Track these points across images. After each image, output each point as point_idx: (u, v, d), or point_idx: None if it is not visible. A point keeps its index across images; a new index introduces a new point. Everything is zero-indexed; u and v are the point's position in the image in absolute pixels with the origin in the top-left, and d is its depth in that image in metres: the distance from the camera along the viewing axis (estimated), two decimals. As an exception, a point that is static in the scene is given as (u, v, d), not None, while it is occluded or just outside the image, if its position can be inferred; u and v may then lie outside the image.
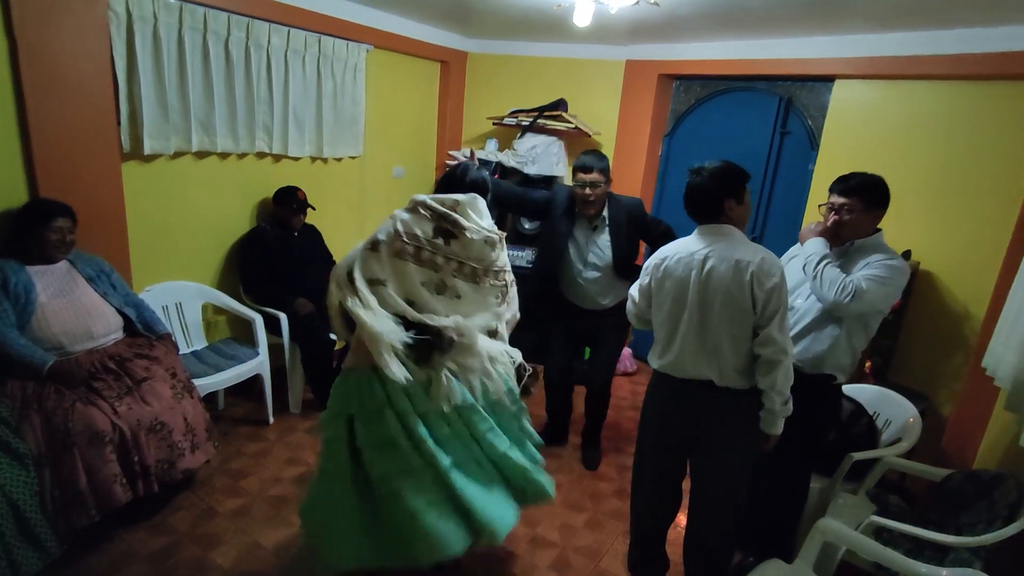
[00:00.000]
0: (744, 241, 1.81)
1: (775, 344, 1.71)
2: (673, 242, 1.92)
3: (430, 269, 1.82)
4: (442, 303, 1.83)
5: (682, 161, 3.98)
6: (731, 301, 1.74)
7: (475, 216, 1.88)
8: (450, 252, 1.83)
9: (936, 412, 2.91)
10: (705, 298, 1.78)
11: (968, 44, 2.63)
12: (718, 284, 1.75)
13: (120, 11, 2.48)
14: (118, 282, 2.49)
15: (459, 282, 1.85)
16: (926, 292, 2.92)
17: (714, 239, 1.80)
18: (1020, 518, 1.80)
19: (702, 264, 1.78)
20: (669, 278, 1.86)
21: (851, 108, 3.13)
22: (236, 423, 3.06)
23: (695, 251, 1.81)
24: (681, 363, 1.86)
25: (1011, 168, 2.64)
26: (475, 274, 1.87)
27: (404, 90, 4.13)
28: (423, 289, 1.81)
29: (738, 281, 1.72)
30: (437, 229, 1.82)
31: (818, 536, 1.88)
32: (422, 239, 1.81)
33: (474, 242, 1.83)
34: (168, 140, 2.76)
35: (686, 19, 2.96)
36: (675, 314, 1.86)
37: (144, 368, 2.30)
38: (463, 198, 1.89)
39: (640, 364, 4.27)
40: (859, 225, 1.98)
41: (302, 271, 3.26)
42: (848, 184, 1.98)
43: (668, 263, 1.86)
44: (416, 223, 1.83)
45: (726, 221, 1.83)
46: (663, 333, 1.91)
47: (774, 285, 1.70)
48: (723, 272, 1.74)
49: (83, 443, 2.00)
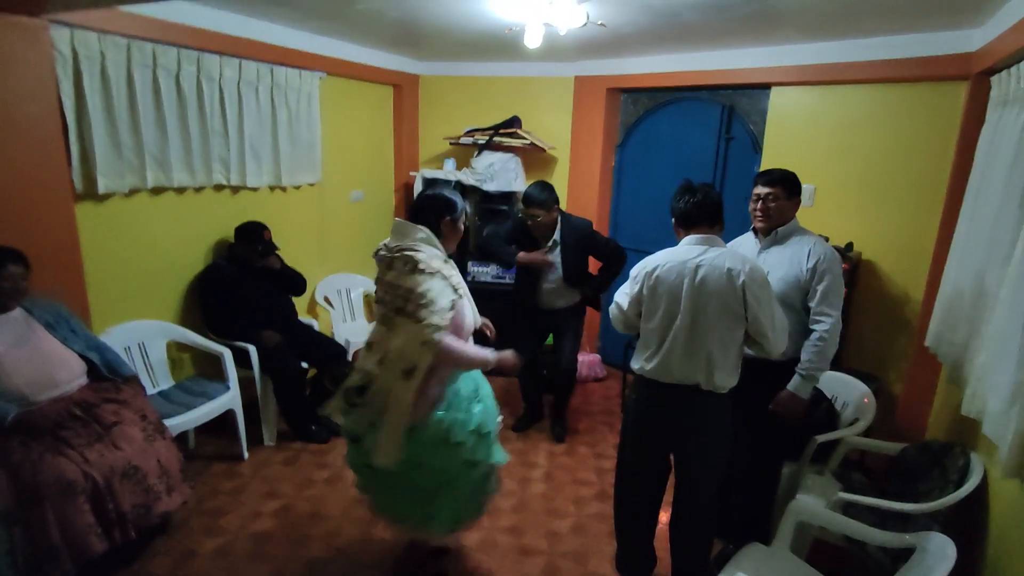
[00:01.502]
0: (730, 250, 1.94)
1: (767, 343, 1.88)
2: (662, 252, 2.00)
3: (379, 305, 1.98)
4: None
5: (635, 171, 4.13)
6: (724, 307, 1.85)
7: (392, 239, 1.96)
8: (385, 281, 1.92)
9: (887, 391, 3.10)
10: (698, 304, 1.87)
11: (885, 51, 2.85)
12: (711, 291, 1.85)
13: (66, 51, 2.44)
14: (78, 326, 2.42)
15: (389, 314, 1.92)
16: (869, 280, 3.13)
17: (705, 248, 1.92)
18: (968, 481, 1.95)
19: (694, 272, 1.88)
20: (661, 285, 1.93)
21: (788, 113, 3.34)
22: (209, 461, 2.99)
23: (687, 260, 1.90)
24: (668, 368, 1.93)
25: (934, 161, 2.87)
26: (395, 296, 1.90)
27: (359, 115, 4.16)
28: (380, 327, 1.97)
29: (731, 288, 1.83)
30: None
31: (792, 517, 1.98)
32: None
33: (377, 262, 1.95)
34: (122, 178, 2.71)
35: (631, 36, 3.10)
36: (667, 320, 1.93)
37: (113, 412, 2.23)
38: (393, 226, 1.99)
39: (610, 369, 4.37)
40: (783, 211, 2.21)
41: (266, 302, 3.23)
42: (772, 176, 2.22)
43: (660, 271, 1.94)
44: None
45: (718, 231, 1.97)
46: (653, 338, 1.97)
47: (763, 292, 1.85)
48: (716, 279, 1.85)
49: (54, 495, 1.93)
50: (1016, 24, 2.09)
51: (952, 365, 2.31)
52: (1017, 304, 1.69)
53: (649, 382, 2.00)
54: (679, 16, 2.62)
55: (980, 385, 1.94)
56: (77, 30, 2.44)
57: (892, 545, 1.86)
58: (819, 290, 2.10)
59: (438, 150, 4.54)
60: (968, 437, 2.24)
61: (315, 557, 2.37)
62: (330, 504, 2.70)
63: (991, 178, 2.17)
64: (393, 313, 1.85)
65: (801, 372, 2.10)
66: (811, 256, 2.12)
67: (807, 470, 2.42)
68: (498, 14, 2.71)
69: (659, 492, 2.18)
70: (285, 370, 3.05)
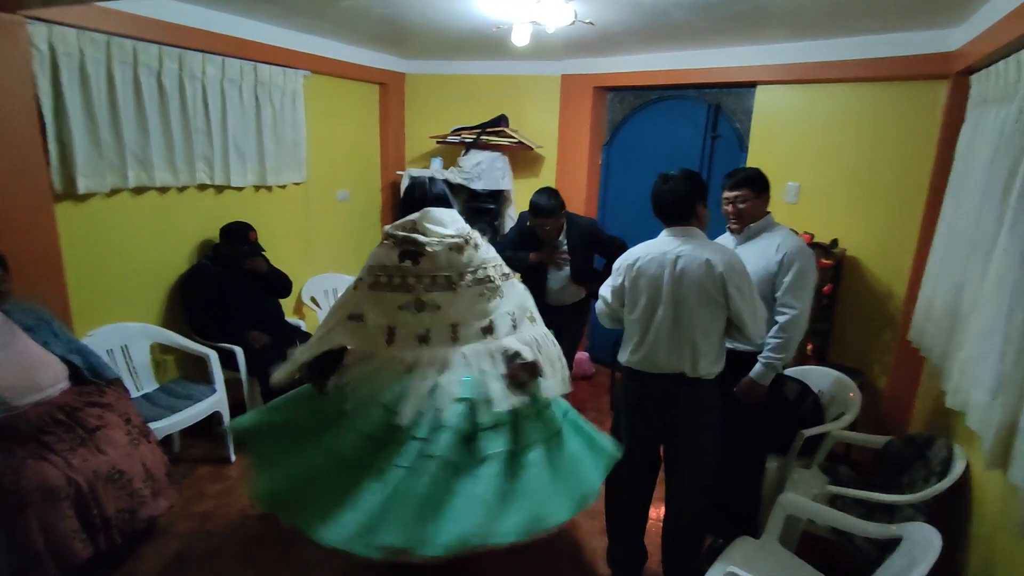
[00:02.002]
0: (709, 242, 1.96)
1: (748, 330, 1.91)
2: (641, 244, 2.04)
3: (404, 292, 1.89)
4: (425, 318, 1.89)
5: (622, 169, 4.15)
6: (704, 295, 1.88)
7: (434, 227, 1.94)
8: (420, 271, 1.88)
9: (872, 385, 3.15)
10: (678, 294, 1.91)
11: (868, 50, 2.89)
12: (691, 280, 1.89)
13: (43, 48, 2.39)
14: (59, 329, 2.37)
15: (435, 294, 1.89)
16: (854, 277, 3.17)
17: (683, 240, 1.95)
18: (952, 472, 1.99)
19: (674, 263, 1.91)
20: (643, 277, 1.97)
21: (774, 111, 3.37)
22: (196, 464, 2.95)
23: (667, 251, 1.94)
24: (654, 358, 1.97)
25: (916, 159, 2.91)
26: (449, 282, 1.90)
27: (345, 113, 4.12)
28: (403, 312, 1.89)
29: (710, 278, 1.86)
30: (403, 254, 1.90)
31: (780, 510, 2.01)
32: (391, 267, 1.91)
33: (438, 253, 1.88)
34: (103, 177, 2.66)
35: (618, 35, 3.12)
36: (649, 311, 1.97)
37: (96, 416, 2.20)
38: (415, 215, 1.97)
39: (598, 367, 4.38)
40: (755, 209, 2.26)
41: (252, 303, 3.19)
42: (737, 178, 2.28)
43: (640, 263, 1.98)
44: (384, 254, 1.93)
45: (695, 223, 1.98)
46: (637, 329, 2.01)
47: (743, 282, 1.87)
48: (695, 269, 1.88)
49: (37, 501, 1.89)
50: (993, 25, 2.13)
51: (935, 359, 2.35)
52: (999, 298, 1.72)
53: (636, 373, 2.04)
54: (667, 15, 2.64)
55: (964, 378, 1.98)
56: (55, 26, 2.39)
57: (879, 536, 1.89)
58: (785, 282, 2.15)
59: (425, 149, 4.52)
60: (951, 429, 2.29)
61: (305, 559, 2.35)
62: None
63: (971, 175, 2.21)
64: (467, 288, 1.90)
65: (762, 360, 2.15)
66: (780, 249, 2.17)
67: (795, 464, 2.45)
68: (485, 12, 2.71)
69: (650, 486, 2.20)
70: (272, 372, 3.01)
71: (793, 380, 2.65)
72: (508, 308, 1.99)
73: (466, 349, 1.91)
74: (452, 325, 1.91)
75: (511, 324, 1.99)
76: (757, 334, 1.94)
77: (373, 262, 1.94)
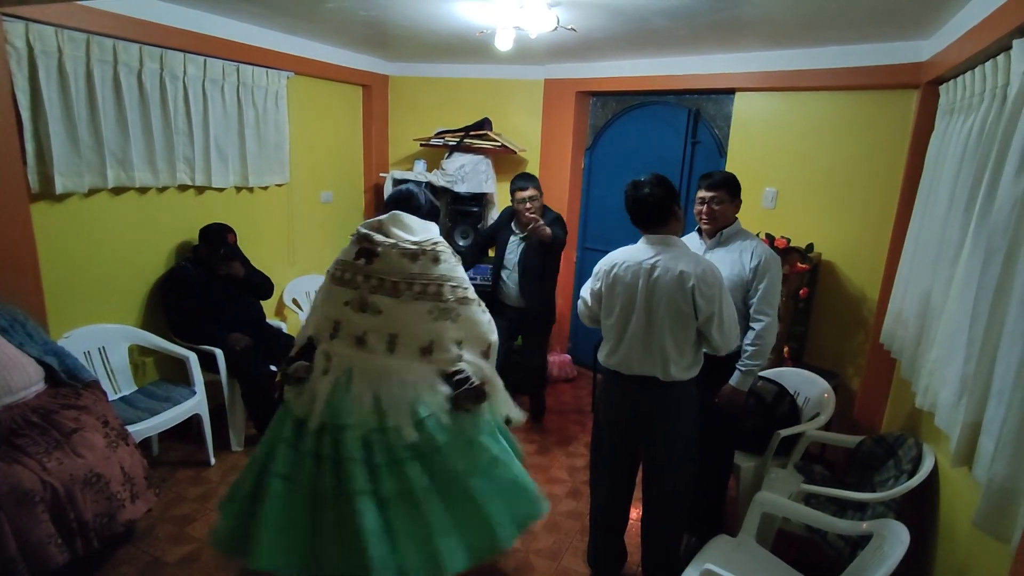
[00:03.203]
0: (686, 251, 1.98)
1: (714, 342, 1.93)
2: (620, 250, 2.06)
3: (351, 288, 1.89)
4: (364, 319, 1.85)
5: (604, 173, 4.20)
6: (674, 307, 1.90)
7: (398, 231, 1.93)
8: (371, 270, 1.87)
9: (846, 386, 3.22)
10: (651, 303, 1.94)
11: (842, 59, 2.97)
12: (663, 292, 1.91)
13: (20, 45, 2.36)
14: (34, 330, 2.34)
15: (380, 298, 1.85)
16: (829, 280, 3.25)
17: (660, 249, 1.96)
18: (921, 470, 2.05)
19: (649, 272, 1.93)
20: (619, 284, 2.00)
21: (752, 118, 3.44)
22: (175, 467, 2.92)
23: (643, 260, 1.96)
24: (629, 362, 2.01)
25: (888, 166, 3.00)
26: (395, 288, 1.85)
27: (328, 115, 4.11)
28: (347, 308, 1.88)
29: (681, 290, 1.88)
30: (360, 251, 1.91)
31: (757, 509, 2.05)
32: (347, 262, 1.93)
33: (389, 255, 1.86)
34: (81, 177, 2.63)
35: (600, 41, 3.16)
36: (624, 317, 2.00)
37: (73, 419, 2.16)
38: (384, 216, 1.97)
39: (580, 369, 4.42)
40: (727, 213, 2.31)
41: (232, 304, 3.17)
42: (714, 180, 2.33)
43: (617, 270, 2.00)
44: (347, 249, 1.96)
45: (672, 228, 2.00)
46: (612, 334, 2.05)
47: (713, 294, 1.89)
48: (668, 281, 1.90)
49: (9, 505, 1.85)
50: (960, 37, 2.21)
51: (905, 361, 2.42)
52: (965, 302, 1.78)
53: (614, 374, 2.08)
54: (648, 22, 2.68)
55: (932, 379, 2.04)
56: (32, 24, 2.36)
57: (851, 532, 1.94)
58: (760, 289, 2.20)
59: (408, 151, 4.53)
60: (920, 429, 2.35)
61: (286, 562, 2.34)
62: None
63: (939, 182, 2.29)
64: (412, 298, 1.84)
65: (740, 368, 2.21)
66: (754, 257, 2.22)
67: (771, 464, 2.50)
68: (469, 17, 2.73)
69: (630, 486, 2.23)
70: (253, 374, 3.00)
71: (770, 382, 2.71)
72: (457, 335, 1.89)
73: (404, 364, 1.83)
74: (391, 335, 1.83)
75: (455, 352, 1.88)
76: (724, 346, 1.95)
77: (340, 255, 1.97)
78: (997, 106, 1.83)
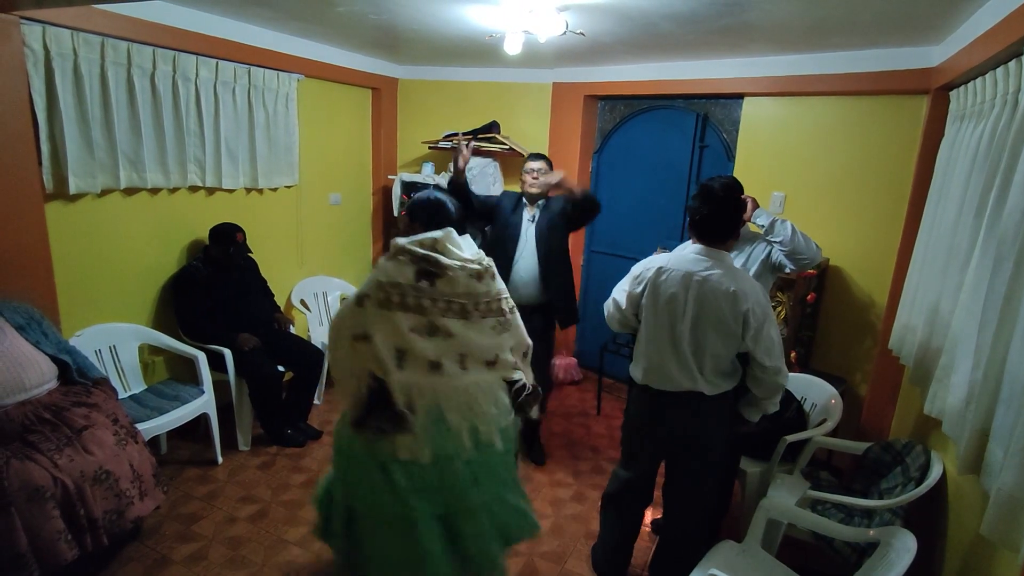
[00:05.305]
0: (736, 270, 1.94)
1: (763, 368, 1.91)
2: (669, 256, 2.01)
3: (416, 314, 1.74)
4: (434, 344, 1.74)
5: (612, 176, 4.20)
6: (723, 326, 1.87)
7: (455, 250, 1.82)
8: (435, 293, 1.74)
9: (854, 392, 3.21)
10: (699, 318, 1.90)
11: (852, 64, 2.96)
12: (713, 308, 1.87)
13: (37, 48, 2.39)
14: (49, 329, 2.37)
15: (448, 321, 1.76)
16: (837, 286, 3.23)
17: (713, 263, 1.91)
18: (929, 478, 2.04)
19: (700, 286, 1.89)
20: (665, 292, 1.95)
21: (760, 122, 3.43)
22: (183, 466, 2.94)
23: (694, 272, 1.90)
24: (668, 375, 1.97)
25: (897, 171, 2.99)
26: (464, 310, 1.78)
27: (337, 117, 4.14)
28: (413, 335, 1.73)
29: (733, 310, 1.85)
30: (419, 272, 1.74)
31: (763, 514, 2.04)
32: (405, 285, 1.74)
33: (458, 279, 1.76)
34: (94, 178, 2.66)
35: (609, 45, 3.17)
36: (667, 328, 1.95)
37: (83, 416, 2.19)
38: (439, 234, 1.82)
39: (586, 372, 4.41)
40: None
41: (242, 304, 3.20)
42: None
43: (665, 277, 1.95)
44: (397, 270, 1.75)
45: (730, 246, 1.97)
46: (652, 347, 2.00)
47: (765, 318, 1.87)
48: (719, 298, 1.86)
49: (21, 501, 1.88)
50: (970, 44, 2.20)
51: (914, 367, 2.41)
52: (974, 308, 1.77)
53: (647, 389, 2.04)
54: (656, 27, 2.69)
55: (940, 386, 2.03)
56: (49, 27, 2.40)
57: (857, 540, 1.93)
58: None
59: (417, 154, 4.55)
60: (929, 436, 2.34)
61: (293, 561, 2.35)
62: (307, 508, 2.68)
63: (949, 188, 2.28)
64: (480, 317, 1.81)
65: None
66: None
67: (777, 469, 2.49)
68: (478, 21, 2.74)
69: (649, 496, 2.24)
70: (261, 374, 3.02)
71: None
72: (512, 343, 1.90)
73: (479, 379, 1.79)
74: (461, 355, 1.76)
75: (512, 360, 1.88)
76: (774, 367, 1.91)
77: (384, 278, 1.74)
78: (1008, 112, 1.83)
